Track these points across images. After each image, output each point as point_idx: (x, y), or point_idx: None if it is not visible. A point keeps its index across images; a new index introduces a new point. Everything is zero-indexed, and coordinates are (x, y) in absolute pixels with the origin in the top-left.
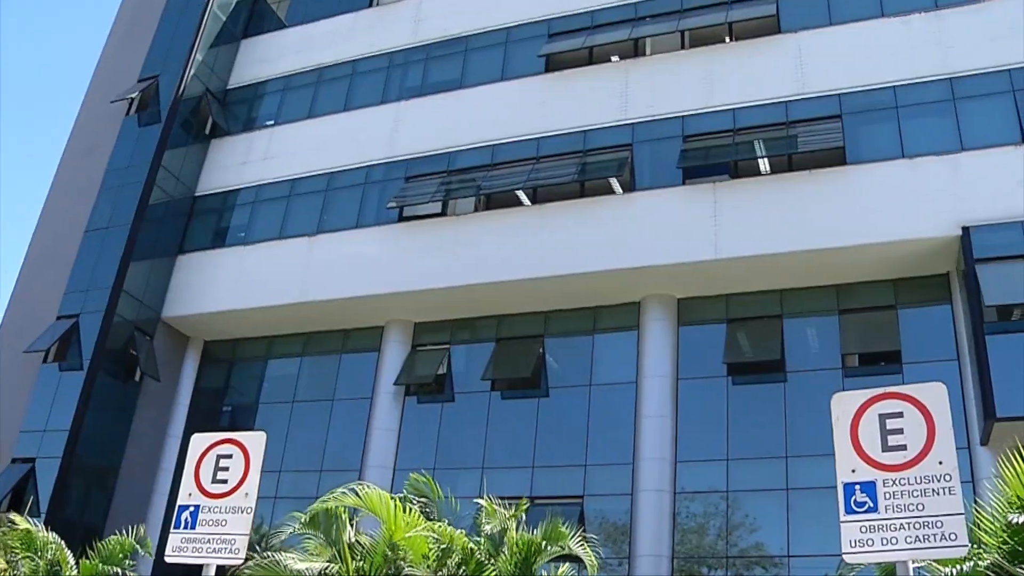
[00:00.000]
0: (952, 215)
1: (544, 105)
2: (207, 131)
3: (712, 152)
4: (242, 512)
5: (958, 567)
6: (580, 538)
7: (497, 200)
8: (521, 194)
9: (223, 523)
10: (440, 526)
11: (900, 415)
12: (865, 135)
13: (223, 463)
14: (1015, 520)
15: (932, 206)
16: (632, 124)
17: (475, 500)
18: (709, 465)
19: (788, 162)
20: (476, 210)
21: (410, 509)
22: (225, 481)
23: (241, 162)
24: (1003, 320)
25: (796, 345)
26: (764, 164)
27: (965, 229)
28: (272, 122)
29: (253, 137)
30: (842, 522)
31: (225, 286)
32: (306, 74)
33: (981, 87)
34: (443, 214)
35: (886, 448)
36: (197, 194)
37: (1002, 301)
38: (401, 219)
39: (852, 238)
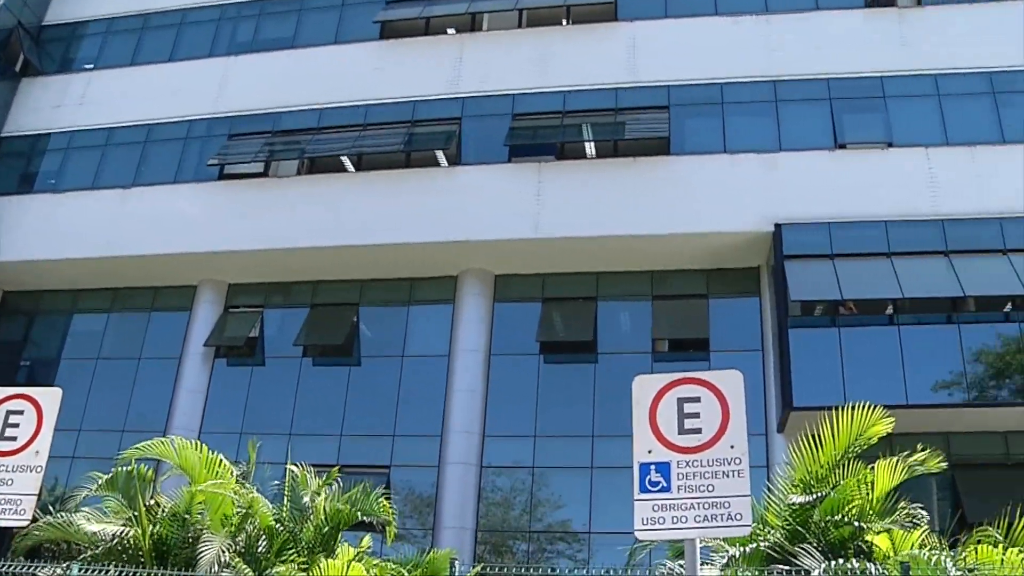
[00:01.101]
0: (766, 212)
1: (376, 72)
2: (17, 68)
3: (540, 132)
4: (31, 471)
5: (745, 546)
6: (386, 508)
7: (321, 165)
8: (346, 160)
9: (9, 482)
10: (244, 490)
11: (697, 400)
12: (690, 128)
13: (13, 419)
14: (796, 501)
15: (748, 202)
16: (463, 98)
17: (288, 466)
18: (517, 441)
19: (614, 148)
20: (299, 173)
21: (220, 461)
22: (14, 438)
23: (55, 105)
24: (806, 315)
25: (609, 327)
26: (590, 148)
27: (777, 226)
28: (91, 66)
29: (69, 80)
30: (636, 500)
31: (30, 234)
32: (131, 19)
33: (802, 92)
34: (265, 175)
35: (682, 431)
36: (3, 135)
37: (806, 297)
38: (221, 177)
39: (670, 227)
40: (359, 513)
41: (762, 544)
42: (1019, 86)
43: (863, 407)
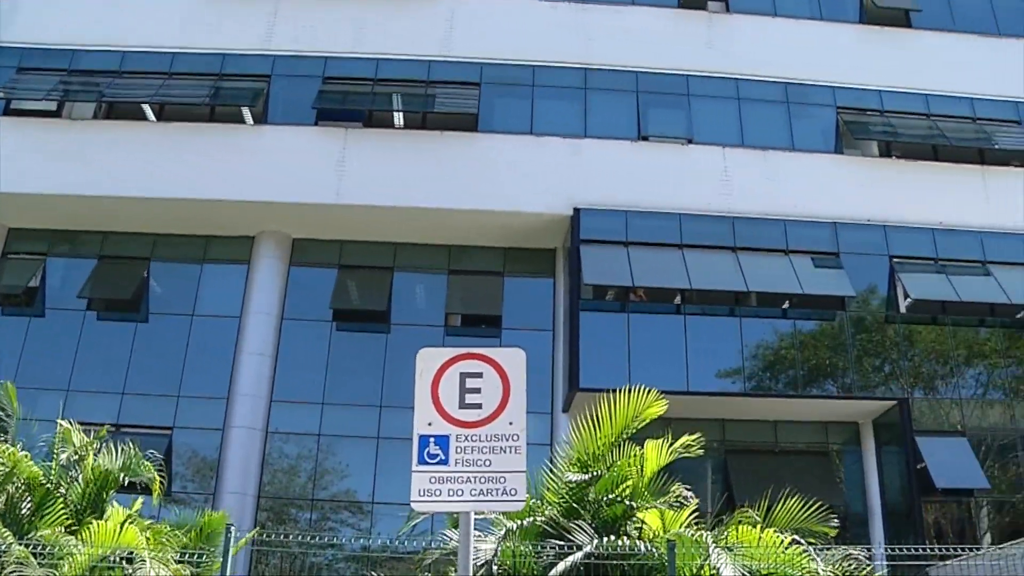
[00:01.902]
0: (567, 195)
1: (185, 20)
2: None
3: (350, 98)
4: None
5: (521, 521)
6: (149, 468)
7: (121, 111)
8: (147, 108)
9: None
10: (5, 447)
11: (480, 376)
12: (499, 107)
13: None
14: (573, 479)
15: (550, 184)
16: (274, 56)
17: (57, 422)
18: (305, 407)
19: (423, 120)
20: (96, 117)
21: None
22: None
23: None
24: (598, 299)
25: (403, 299)
26: (399, 118)
27: (576, 210)
28: None
29: None
30: (414, 472)
31: None
32: None
33: (611, 82)
34: (58, 115)
35: (463, 405)
36: None
37: (599, 281)
38: (7, 112)
39: (471, 203)
40: (127, 474)
41: (538, 519)
42: (810, 99)
43: (640, 390)
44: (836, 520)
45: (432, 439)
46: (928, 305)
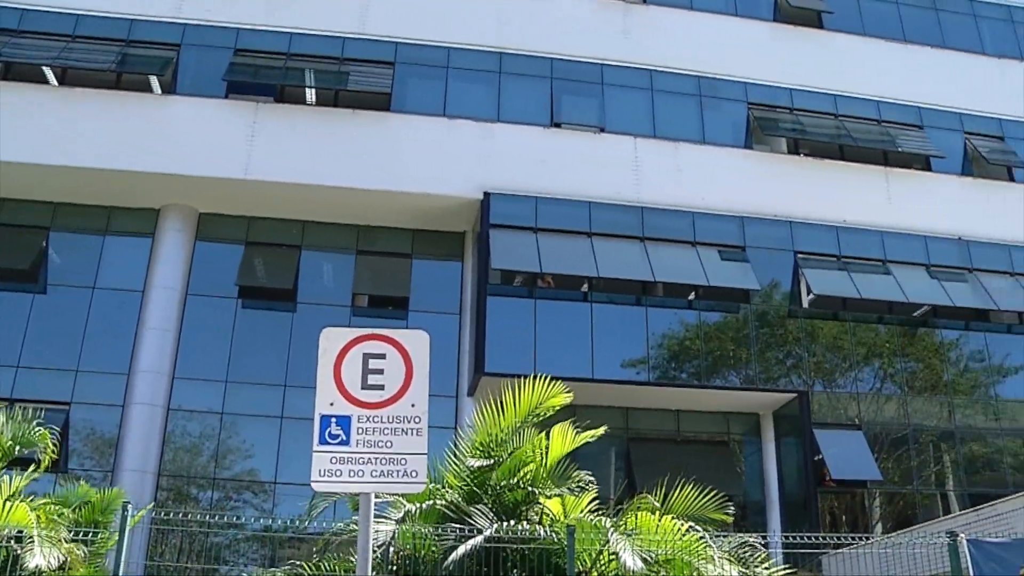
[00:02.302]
0: (477, 179)
1: None
2: None
3: (262, 72)
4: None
5: (422, 503)
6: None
7: (19, 72)
8: (48, 72)
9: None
10: None
11: (383, 357)
12: (413, 87)
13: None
14: (474, 464)
15: (461, 167)
16: (184, 24)
17: None
18: (208, 385)
19: (335, 97)
20: None
21: None
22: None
23: None
24: (506, 284)
25: (310, 277)
26: (311, 94)
27: (487, 194)
28: None
29: None
30: (314, 452)
31: None
32: None
33: (525, 67)
34: None
35: (365, 386)
36: None
37: (507, 266)
38: None
39: (382, 183)
40: (18, 444)
41: (439, 503)
42: (722, 93)
43: (545, 378)
44: (733, 508)
45: (334, 419)
46: (830, 301)
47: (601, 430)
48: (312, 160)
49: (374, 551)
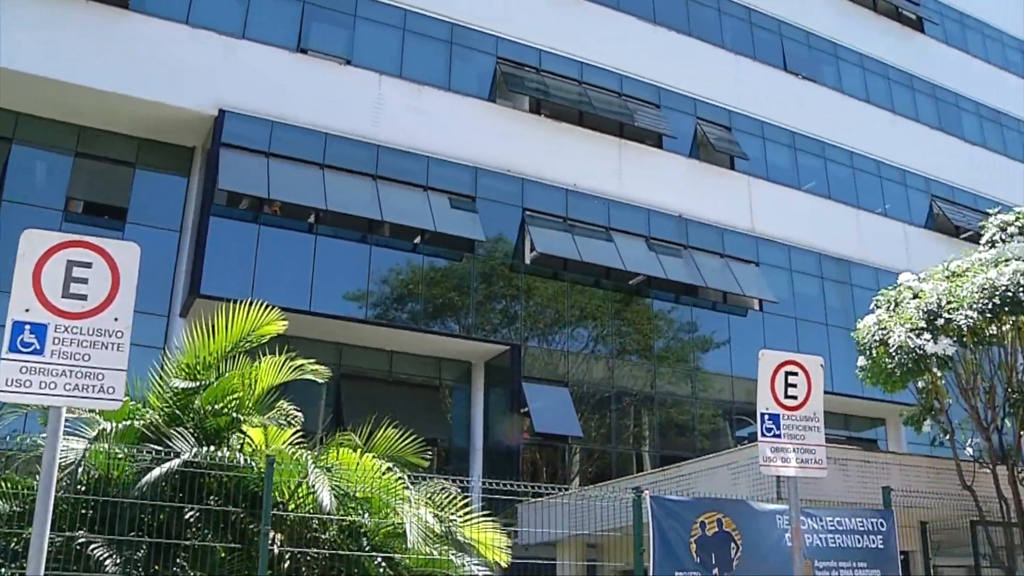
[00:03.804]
0: (214, 95)
1: None
2: None
3: None
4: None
5: (119, 422)
6: None
7: None
8: None
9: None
10: None
11: (89, 266)
12: None
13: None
14: (179, 386)
15: (199, 80)
16: None
17: None
18: None
19: None
20: None
21: None
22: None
23: None
24: (231, 206)
25: (21, 175)
26: None
27: (222, 112)
28: None
29: None
30: (2, 359)
31: None
32: None
33: None
34: None
35: (67, 295)
36: None
37: (234, 188)
38: None
39: (111, 84)
40: None
41: (138, 423)
42: (474, 43)
43: (261, 305)
44: (438, 452)
45: (28, 326)
46: (552, 260)
47: (314, 367)
48: (32, 47)
49: (62, 469)
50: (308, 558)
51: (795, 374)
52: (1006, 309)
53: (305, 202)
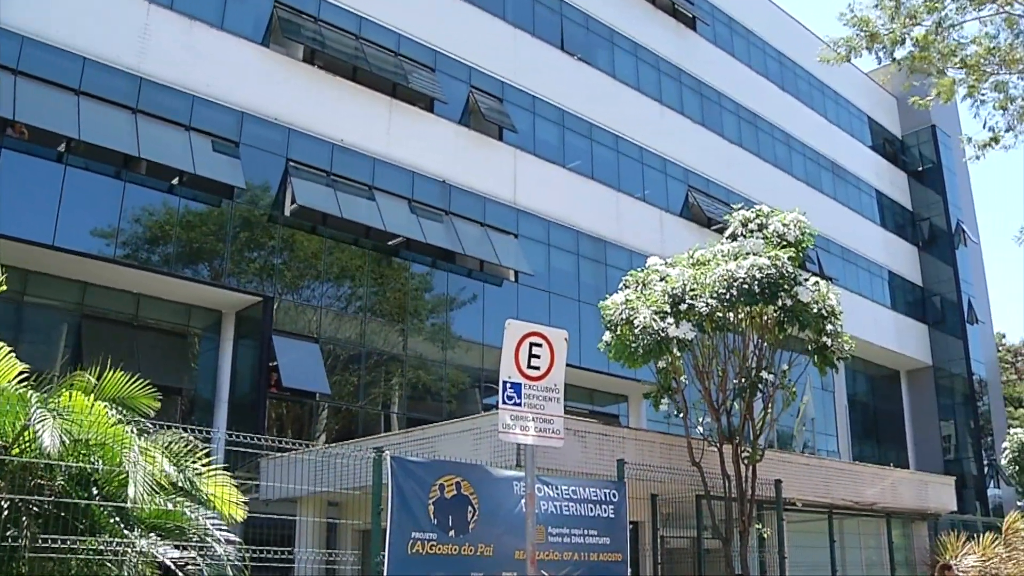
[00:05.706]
0: None
1: None
2: None
3: None
4: None
5: None
6: None
7: None
8: None
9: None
10: None
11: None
12: None
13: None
14: None
15: None
16: None
17: None
18: None
19: None
20: None
21: None
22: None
23: None
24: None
25: None
26: None
27: None
28: None
29: None
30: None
31: None
32: None
33: None
34: None
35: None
36: None
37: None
38: None
39: None
40: None
41: None
42: None
43: None
44: (177, 402)
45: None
46: (312, 214)
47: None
48: None
49: None
50: (31, 507)
51: (539, 345)
52: (741, 300)
53: (55, 128)
